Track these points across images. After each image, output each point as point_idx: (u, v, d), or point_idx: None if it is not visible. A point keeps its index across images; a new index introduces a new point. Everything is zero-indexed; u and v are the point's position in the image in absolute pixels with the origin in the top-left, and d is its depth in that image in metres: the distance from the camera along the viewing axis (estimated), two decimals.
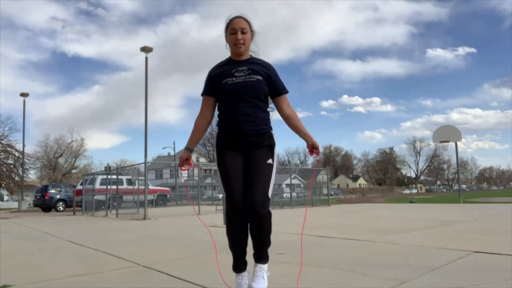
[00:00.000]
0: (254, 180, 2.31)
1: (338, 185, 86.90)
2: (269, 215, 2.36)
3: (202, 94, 2.54)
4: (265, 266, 2.47)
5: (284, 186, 29.27)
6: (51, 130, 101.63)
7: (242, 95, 2.37)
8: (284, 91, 2.51)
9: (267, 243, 2.44)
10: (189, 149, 2.50)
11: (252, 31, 2.48)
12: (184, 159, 2.49)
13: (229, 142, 2.42)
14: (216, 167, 2.44)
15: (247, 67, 2.42)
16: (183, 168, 2.48)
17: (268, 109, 2.51)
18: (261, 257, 2.45)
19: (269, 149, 2.42)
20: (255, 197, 2.27)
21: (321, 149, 2.74)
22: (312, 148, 2.43)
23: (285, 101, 2.51)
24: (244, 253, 2.44)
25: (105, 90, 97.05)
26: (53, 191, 21.54)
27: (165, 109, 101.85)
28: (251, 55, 2.52)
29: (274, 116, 2.52)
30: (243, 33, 2.40)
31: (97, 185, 17.04)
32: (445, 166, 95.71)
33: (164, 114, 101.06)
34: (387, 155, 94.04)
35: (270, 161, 2.39)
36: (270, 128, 2.48)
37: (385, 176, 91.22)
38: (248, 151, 2.39)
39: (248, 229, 2.38)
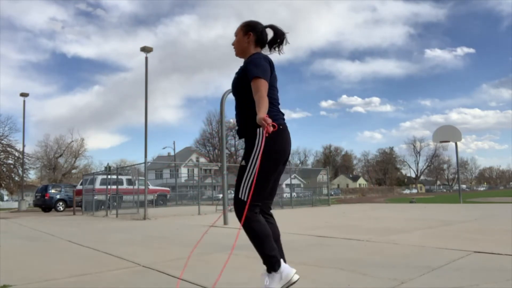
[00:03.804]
0: None
1: (338, 185, 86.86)
2: (246, 221, 2.20)
3: None
4: (267, 274, 2.29)
5: (284, 186, 29.28)
6: (51, 130, 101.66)
7: (234, 96, 2.51)
8: (250, 76, 2.28)
9: (257, 249, 2.27)
10: None
11: (245, 30, 2.52)
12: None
13: None
14: (215, 167, 2.47)
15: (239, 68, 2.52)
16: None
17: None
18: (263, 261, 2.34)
19: (248, 149, 2.32)
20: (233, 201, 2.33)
21: (321, 149, 2.71)
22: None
23: (252, 87, 2.25)
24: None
25: (105, 91, 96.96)
26: (53, 191, 21.52)
27: (165, 109, 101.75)
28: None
29: None
30: (235, 38, 2.57)
31: (97, 185, 17.04)
32: (445, 166, 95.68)
33: (163, 114, 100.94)
34: (387, 155, 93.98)
35: (243, 162, 2.32)
36: (256, 125, 2.24)
37: (385, 176, 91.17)
38: None
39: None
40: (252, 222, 2.23)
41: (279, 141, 2.31)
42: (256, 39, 2.50)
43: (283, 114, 2.46)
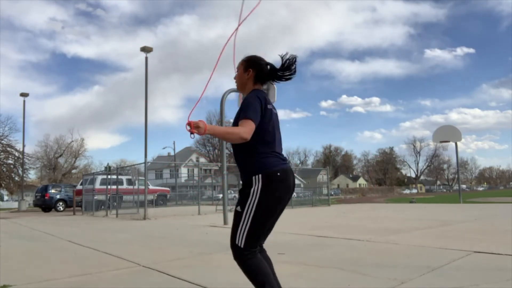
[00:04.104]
0: None
1: (338, 185, 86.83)
2: (241, 263, 2.24)
3: None
4: None
5: None
6: (51, 130, 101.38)
7: None
8: (240, 118, 2.27)
9: None
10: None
11: (245, 66, 2.45)
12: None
13: None
14: (215, 167, 2.43)
15: None
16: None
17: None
18: None
19: (243, 196, 2.29)
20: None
21: (320, 149, 2.64)
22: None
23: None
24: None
25: (105, 91, 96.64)
26: (53, 191, 21.52)
27: (165, 109, 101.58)
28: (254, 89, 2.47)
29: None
30: (237, 72, 2.53)
31: (97, 185, 17.04)
32: (445, 166, 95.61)
33: (163, 114, 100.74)
34: (387, 155, 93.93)
35: (238, 208, 2.30)
36: (252, 172, 2.28)
37: (385, 176, 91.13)
38: None
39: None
40: (251, 265, 2.25)
41: (276, 190, 2.28)
42: (255, 76, 2.44)
43: (283, 160, 2.37)
